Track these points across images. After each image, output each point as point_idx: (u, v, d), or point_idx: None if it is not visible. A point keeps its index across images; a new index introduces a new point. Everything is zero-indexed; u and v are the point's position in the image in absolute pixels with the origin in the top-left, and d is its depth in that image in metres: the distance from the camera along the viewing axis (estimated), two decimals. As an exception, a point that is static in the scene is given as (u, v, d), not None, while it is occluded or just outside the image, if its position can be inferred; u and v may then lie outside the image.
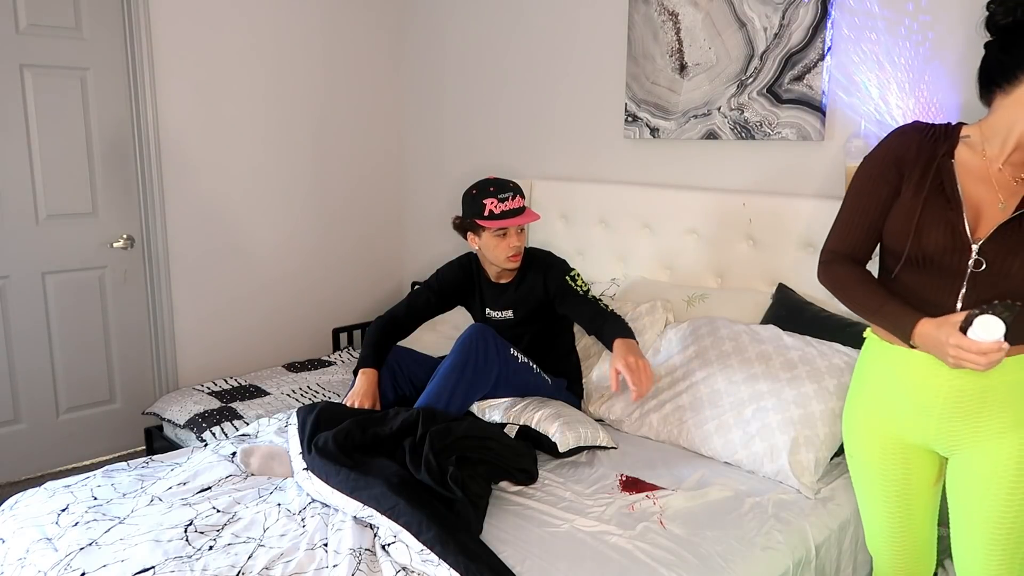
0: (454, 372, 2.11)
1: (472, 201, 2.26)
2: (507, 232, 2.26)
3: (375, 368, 2.29)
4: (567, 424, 2.08)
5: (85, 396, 3.15)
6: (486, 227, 2.24)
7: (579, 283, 2.31)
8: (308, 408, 2.05)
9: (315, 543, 1.62)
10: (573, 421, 2.11)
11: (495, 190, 2.25)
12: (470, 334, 2.15)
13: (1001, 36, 1.40)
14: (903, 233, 1.43)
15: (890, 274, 1.49)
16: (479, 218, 2.24)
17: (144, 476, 1.97)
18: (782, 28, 2.45)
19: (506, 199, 2.24)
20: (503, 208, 2.23)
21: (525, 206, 2.29)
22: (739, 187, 2.65)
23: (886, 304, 1.43)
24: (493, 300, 2.41)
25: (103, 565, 1.53)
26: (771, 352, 2.15)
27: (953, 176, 1.42)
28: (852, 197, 1.53)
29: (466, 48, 3.53)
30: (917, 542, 1.61)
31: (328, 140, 3.63)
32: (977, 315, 1.27)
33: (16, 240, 2.91)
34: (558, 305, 2.32)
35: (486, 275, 2.41)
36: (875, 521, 1.63)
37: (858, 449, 1.60)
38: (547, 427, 2.07)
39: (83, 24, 2.94)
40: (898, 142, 1.48)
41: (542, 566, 1.56)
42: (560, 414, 2.12)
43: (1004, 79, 1.38)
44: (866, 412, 1.57)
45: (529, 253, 2.38)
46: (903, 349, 1.45)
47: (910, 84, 2.23)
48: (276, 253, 3.53)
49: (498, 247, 2.28)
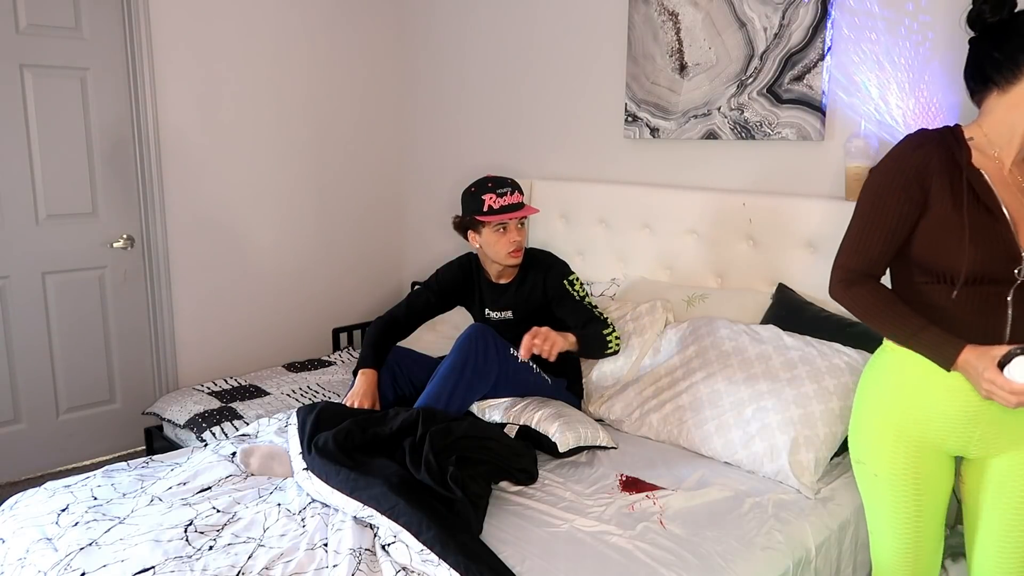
0: (453, 372, 2.11)
1: (471, 198, 2.27)
2: (507, 227, 2.27)
3: (375, 368, 2.30)
4: (567, 424, 2.08)
5: (85, 396, 3.15)
6: (486, 222, 2.25)
7: (576, 287, 2.32)
8: (308, 408, 2.05)
9: (315, 543, 1.62)
10: (573, 421, 2.11)
11: (493, 186, 2.26)
12: (470, 334, 2.15)
13: (992, 33, 1.38)
14: (954, 251, 1.37)
15: (923, 292, 1.43)
16: (478, 214, 2.25)
17: (144, 476, 1.97)
18: (782, 28, 2.45)
19: (504, 194, 2.25)
20: (502, 203, 2.24)
21: (524, 202, 2.30)
22: (739, 187, 2.65)
23: (925, 329, 1.38)
24: (492, 301, 2.41)
25: (103, 565, 1.53)
26: (771, 352, 2.15)
27: (988, 186, 1.38)
28: (868, 211, 1.46)
29: (466, 48, 3.53)
30: (928, 547, 1.57)
31: (328, 140, 3.63)
32: (1017, 354, 1.26)
33: (16, 240, 2.91)
34: (554, 308, 2.33)
35: (486, 275, 2.41)
36: (885, 528, 1.57)
37: (872, 457, 1.54)
38: (547, 427, 2.07)
39: (83, 24, 2.94)
40: (915, 155, 1.41)
41: (542, 566, 1.55)
42: (560, 414, 2.12)
43: (1001, 77, 1.37)
44: (886, 420, 1.50)
45: (530, 254, 2.39)
46: None
47: (910, 84, 2.23)
48: (276, 253, 3.53)
49: (499, 243, 2.28)
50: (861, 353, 2.09)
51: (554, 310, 2.33)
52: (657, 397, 2.27)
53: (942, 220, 1.39)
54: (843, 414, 2.00)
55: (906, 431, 1.48)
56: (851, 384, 2.03)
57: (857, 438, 1.59)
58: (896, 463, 1.50)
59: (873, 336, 2.14)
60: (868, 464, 1.56)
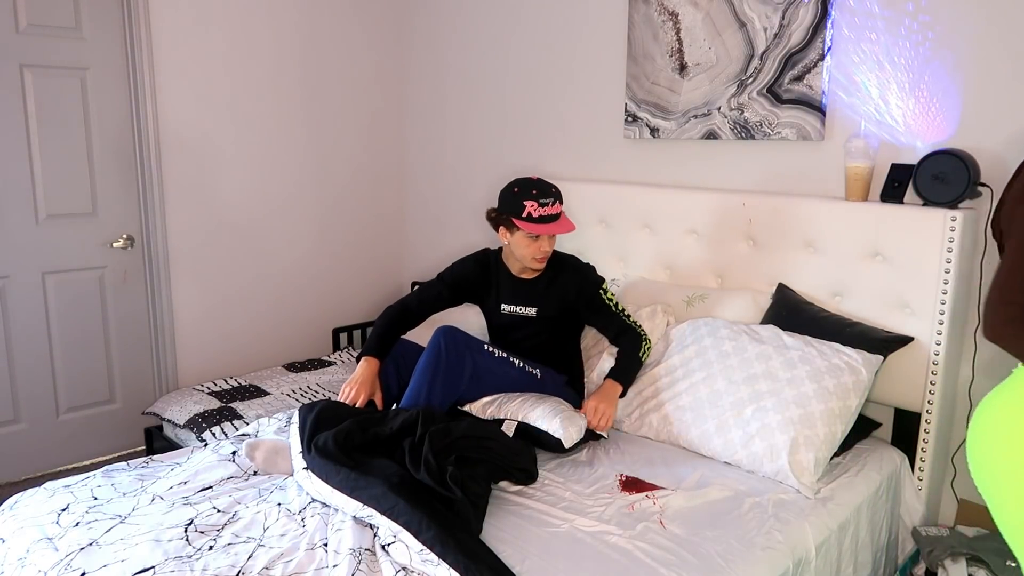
0: (428, 369, 2.14)
1: (513, 199, 2.25)
2: (540, 236, 2.26)
3: (378, 358, 2.32)
4: (568, 419, 2.09)
5: (85, 396, 3.15)
6: (522, 228, 2.25)
7: (609, 295, 2.38)
8: (308, 407, 2.05)
9: (315, 543, 1.62)
10: (570, 414, 2.12)
11: (537, 193, 2.23)
12: (437, 334, 2.18)
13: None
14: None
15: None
16: (517, 217, 2.24)
17: (144, 476, 1.97)
18: (782, 28, 2.45)
19: (547, 204, 2.23)
20: (542, 213, 2.22)
21: (562, 212, 2.29)
22: (739, 187, 2.65)
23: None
24: (512, 295, 2.41)
25: (103, 565, 1.54)
26: (771, 352, 2.15)
27: None
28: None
29: (467, 48, 3.53)
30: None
31: (328, 140, 3.63)
32: None
33: (16, 240, 2.91)
34: (587, 315, 2.38)
35: (507, 270, 2.42)
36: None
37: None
38: (549, 424, 2.07)
39: (83, 24, 2.94)
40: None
41: (542, 566, 1.56)
42: (558, 411, 2.12)
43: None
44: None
45: (557, 256, 2.41)
46: None
47: (910, 84, 2.23)
48: (276, 253, 3.53)
49: (528, 248, 2.28)
50: (861, 353, 2.09)
51: (585, 317, 2.38)
52: (657, 397, 2.27)
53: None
54: (843, 414, 2.01)
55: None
56: (851, 384, 2.03)
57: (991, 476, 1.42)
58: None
59: (873, 336, 2.16)
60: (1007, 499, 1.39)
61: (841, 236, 2.30)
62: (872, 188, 2.29)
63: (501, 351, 2.26)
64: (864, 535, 1.99)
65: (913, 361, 2.16)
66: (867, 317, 2.26)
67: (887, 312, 2.23)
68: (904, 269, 2.18)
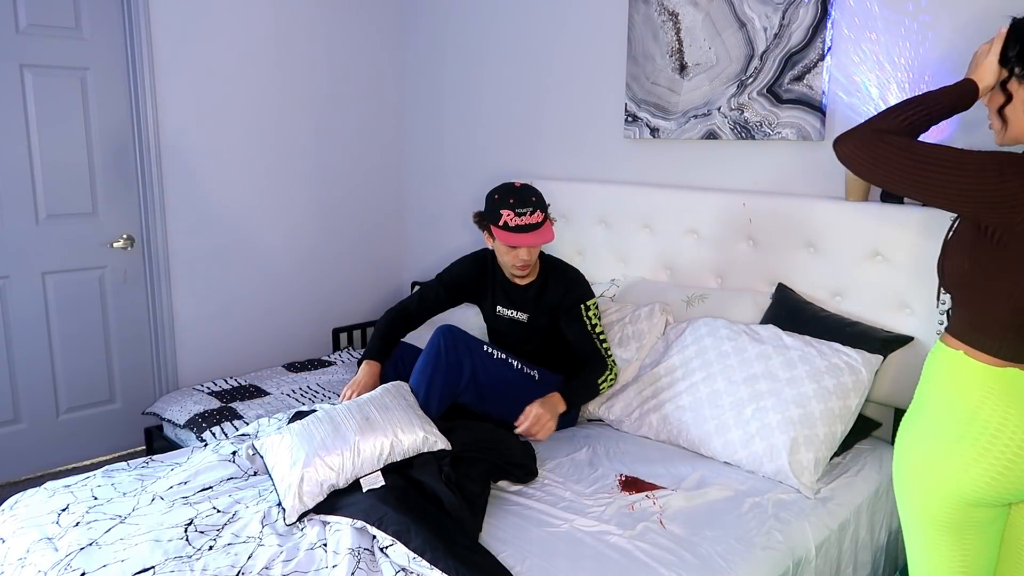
0: (427, 368, 2.14)
1: (492, 205, 2.24)
2: (517, 246, 2.24)
3: (379, 361, 2.33)
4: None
5: (85, 396, 3.15)
6: (497, 238, 2.25)
7: (591, 314, 2.32)
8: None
9: (315, 543, 1.62)
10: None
11: (515, 202, 2.19)
12: (437, 333, 2.18)
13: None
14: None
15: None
16: (494, 225, 2.23)
17: (144, 476, 1.97)
18: (782, 28, 2.45)
19: (524, 214, 2.18)
20: (518, 223, 2.18)
21: (545, 219, 2.24)
22: (739, 187, 2.65)
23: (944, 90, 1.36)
24: (507, 298, 2.41)
25: (103, 565, 1.54)
26: (771, 352, 2.15)
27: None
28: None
29: (466, 48, 3.53)
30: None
31: (328, 140, 3.63)
32: None
33: (16, 240, 2.91)
34: (563, 324, 2.34)
35: (502, 272, 2.42)
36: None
37: (927, 498, 1.38)
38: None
39: (83, 24, 2.94)
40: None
41: (542, 566, 1.56)
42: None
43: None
44: (959, 455, 1.32)
45: (557, 266, 2.40)
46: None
47: (910, 84, 2.22)
48: (276, 253, 3.53)
49: (507, 255, 2.28)
50: (861, 353, 2.09)
51: (562, 324, 2.35)
52: (657, 397, 2.27)
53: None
54: (842, 414, 2.01)
55: (972, 472, 1.34)
56: (851, 384, 2.03)
57: (908, 480, 1.44)
58: (959, 507, 1.37)
59: (873, 336, 2.16)
60: (923, 507, 1.41)
61: (841, 236, 2.30)
62: (872, 188, 2.29)
63: (500, 352, 2.26)
64: (864, 535, 1.98)
65: (913, 361, 2.15)
66: (867, 317, 2.26)
67: (887, 312, 2.23)
68: (904, 269, 2.18)
